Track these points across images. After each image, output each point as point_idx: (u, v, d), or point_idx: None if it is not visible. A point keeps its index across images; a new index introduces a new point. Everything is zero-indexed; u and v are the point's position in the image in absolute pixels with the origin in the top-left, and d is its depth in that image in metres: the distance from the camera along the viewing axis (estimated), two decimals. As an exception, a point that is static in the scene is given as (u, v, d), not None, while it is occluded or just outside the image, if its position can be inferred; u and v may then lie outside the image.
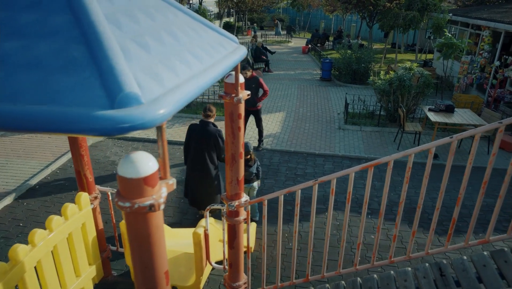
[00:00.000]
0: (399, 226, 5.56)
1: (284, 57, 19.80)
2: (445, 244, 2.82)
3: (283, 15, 37.34)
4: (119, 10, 1.42)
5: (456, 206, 2.70)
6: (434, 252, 2.87)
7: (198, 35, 1.81)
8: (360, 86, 13.57)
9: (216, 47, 1.85)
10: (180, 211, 5.89)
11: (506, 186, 2.60)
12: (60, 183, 6.72)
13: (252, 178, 5.23)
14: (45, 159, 7.52)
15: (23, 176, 6.81)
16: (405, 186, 2.67)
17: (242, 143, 2.42)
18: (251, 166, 5.13)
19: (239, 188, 2.54)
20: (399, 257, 2.89)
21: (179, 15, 1.85)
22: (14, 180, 6.70)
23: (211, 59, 1.69)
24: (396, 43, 24.22)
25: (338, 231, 5.51)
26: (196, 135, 4.94)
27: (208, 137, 4.87)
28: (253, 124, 8.54)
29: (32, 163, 7.33)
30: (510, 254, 2.79)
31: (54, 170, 7.17)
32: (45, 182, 6.73)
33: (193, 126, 5.07)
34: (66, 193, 6.39)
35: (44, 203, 6.10)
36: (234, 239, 2.72)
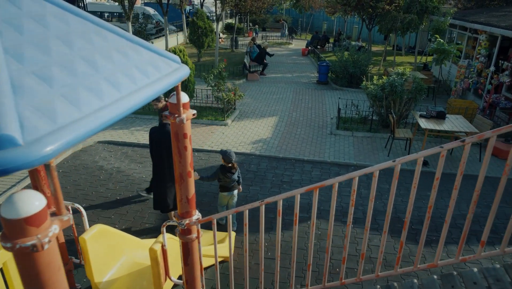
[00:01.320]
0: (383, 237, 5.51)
1: (283, 60, 19.75)
2: (435, 260, 2.72)
3: (286, 16, 37.29)
4: (28, 41, 1.41)
5: (445, 223, 2.61)
6: (422, 268, 2.80)
7: (127, 59, 1.79)
8: (357, 90, 13.49)
9: (146, 71, 1.83)
10: (162, 218, 5.89)
11: (498, 201, 2.42)
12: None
13: (233, 185, 5.24)
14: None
15: (10, 181, 6.86)
16: (391, 198, 2.60)
17: (190, 162, 2.40)
18: (233, 174, 5.14)
19: (189, 206, 2.52)
20: (385, 272, 2.84)
21: (109, 38, 1.83)
22: (1, 185, 6.74)
23: (134, 85, 1.67)
24: (396, 45, 24.10)
25: (318, 240, 5.46)
26: (156, 136, 5.00)
27: (168, 137, 4.83)
28: (241, 130, 8.53)
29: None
30: (477, 274, 2.71)
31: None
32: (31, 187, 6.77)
33: (154, 130, 5.11)
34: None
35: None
36: (187, 256, 2.70)
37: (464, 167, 2.12)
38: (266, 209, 6.09)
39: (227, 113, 10.27)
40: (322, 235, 5.58)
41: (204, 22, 17.22)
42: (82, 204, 6.26)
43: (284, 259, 4.99)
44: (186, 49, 21.51)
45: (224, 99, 9.97)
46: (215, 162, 7.78)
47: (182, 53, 9.85)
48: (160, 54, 2.07)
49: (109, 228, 3.33)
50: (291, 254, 2.85)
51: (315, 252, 5.21)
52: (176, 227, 2.58)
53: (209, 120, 10.00)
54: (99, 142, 8.63)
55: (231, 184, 5.18)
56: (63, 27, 1.63)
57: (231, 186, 5.21)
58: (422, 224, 5.90)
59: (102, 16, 27.72)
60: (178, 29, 26.38)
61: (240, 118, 10.43)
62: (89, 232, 3.04)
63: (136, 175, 7.24)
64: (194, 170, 5.31)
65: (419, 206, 6.43)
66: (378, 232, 5.65)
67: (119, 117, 1.51)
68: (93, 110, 1.38)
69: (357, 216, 6.08)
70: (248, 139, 9.01)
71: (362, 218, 6.03)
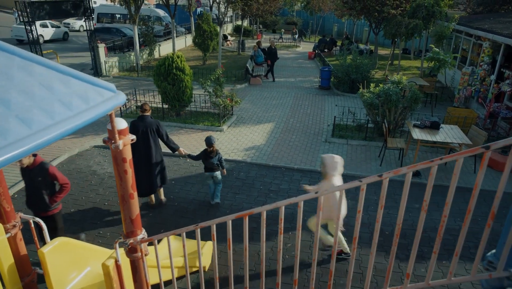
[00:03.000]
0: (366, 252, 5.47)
1: (288, 63, 19.74)
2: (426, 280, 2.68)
3: (297, 18, 37.22)
4: None
5: (435, 242, 2.58)
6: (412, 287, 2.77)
7: (50, 93, 1.87)
8: (358, 96, 13.38)
9: (70, 103, 1.90)
10: (149, 225, 5.99)
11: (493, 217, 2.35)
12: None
13: (214, 167, 6.21)
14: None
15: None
16: (379, 216, 2.62)
17: (132, 184, 2.47)
18: (212, 157, 6.15)
19: (133, 227, 2.59)
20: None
21: (35, 72, 1.91)
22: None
23: (51, 120, 1.74)
24: (405, 48, 23.79)
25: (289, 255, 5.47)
26: (140, 128, 5.78)
27: (150, 126, 5.81)
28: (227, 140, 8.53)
29: (17, 171, 7.58)
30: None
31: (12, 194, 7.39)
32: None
33: (135, 122, 5.86)
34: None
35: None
36: (135, 273, 2.78)
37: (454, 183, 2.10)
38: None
39: (223, 119, 10.35)
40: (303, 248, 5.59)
41: (210, 25, 17.36)
42: (71, 209, 6.42)
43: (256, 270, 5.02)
44: (191, 52, 21.66)
45: (220, 105, 10.05)
46: (206, 169, 7.84)
47: (180, 58, 9.97)
48: (93, 84, 2.14)
49: (72, 240, 3.44)
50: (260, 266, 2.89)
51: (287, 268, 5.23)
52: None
53: (205, 126, 10.09)
54: (95, 147, 8.83)
55: (211, 165, 6.18)
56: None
57: (212, 167, 6.20)
58: (406, 237, 5.86)
59: (113, 18, 28.20)
60: (187, 31, 26.63)
61: (237, 124, 10.50)
62: (49, 245, 3.15)
63: (126, 181, 7.37)
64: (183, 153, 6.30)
65: (404, 218, 6.38)
66: (359, 246, 5.63)
67: (25, 154, 1.58)
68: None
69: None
70: (242, 146, 9.07)
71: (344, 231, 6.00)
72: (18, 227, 3.10)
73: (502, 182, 1.73)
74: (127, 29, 22.65)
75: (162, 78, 9.98)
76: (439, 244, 2.07)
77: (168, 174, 7.50)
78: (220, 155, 6.23)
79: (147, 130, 5.80)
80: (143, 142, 5.81)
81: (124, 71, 16.29)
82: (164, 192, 6.95)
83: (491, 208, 1.80)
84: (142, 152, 5.81)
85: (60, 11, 12.64)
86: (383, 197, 1.98)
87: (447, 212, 1.92)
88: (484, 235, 1.84)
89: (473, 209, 1.79)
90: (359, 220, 2.21)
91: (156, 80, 10.16)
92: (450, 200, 1.86)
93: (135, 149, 5.49)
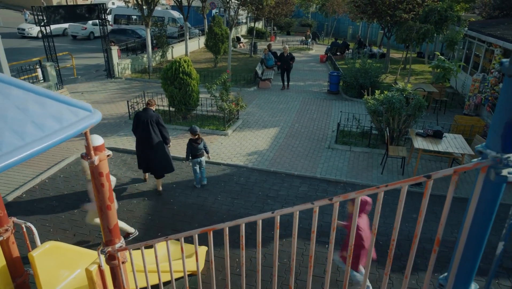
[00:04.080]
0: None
1: (299, 66, 19.75)
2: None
3: (311, 20, 37.12)
4: None
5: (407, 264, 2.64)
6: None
7: (24, 115, 2.01)
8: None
9: (43, 124, 2.05)
10: (146, 228, 6.17)
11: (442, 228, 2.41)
12: (46, 191, 7.21)
13: (200, 153, 7.08)
14: (39, 167, 8.09)
15: (14, 185, 7.38)
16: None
17: (109, 196, 2.61)
18: (199, 144, 7.04)
19: (111, 236, 2.73)
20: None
21: (12, 95, 2.06)
22: (6, 187, 7.28)
23: (21, 141, 1.89)
24: (413, 52, 23.45)
25: (289, 259, 5.55)
26: (142, 118, 6.71)
27: (151, 117, 6.72)
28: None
29: (26, 172, 7.90)
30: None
31: (44, 179, 7.71)
32: (32, 191, 7.26)
33: (139, 113, 6.86)
34: (47, 203, 6.85)
35: (48, 198, 6.63)
36: (114, 280, 2.92)
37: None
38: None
39: (228, 123, 10.49)
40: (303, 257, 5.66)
41: (221, 28, 17.55)
42: (73, 210, 6.67)
43: (251, 276, 5.13)
44: (204, 54, 21.87)
45: (226, 109, 10.19)
46: (207, 173, 8.00)
47: (187, 63, 10.15)
48: (69, 104, 2.28)
49: (62, 244, 3.63)
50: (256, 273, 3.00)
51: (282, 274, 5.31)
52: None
53: (211, 129, 10.25)
54: (102, 149, 9.08)
55: (198, 152, 7.04)
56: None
57: (199, 153, 7.06)
58: (401, 248, 5.86)
59: (129, 19, 28.78)
60: (201, 33, 26.92)
61: (242, 129, 10.62)
62: (39, 249, 3.33)
63: (129, 183, 7.59)
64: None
65: (401, 228, 6.37)
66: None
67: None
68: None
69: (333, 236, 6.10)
70: (245, 150, 9.18)
71: (337, 240, 6.04)
72: (10, 231, 3.29)
73: (444, 212, 1.78)
74: (142, 31, 23.06)
75: (169, 82, 10.19)
76: (412, 261, 2.13)
77: (170, 177, 7.70)
78: (204, 141, 7.16)
79: (147, 121, 6.69)
80: (143, 130, 6.71)
81: (137, 73, 16.63)
82: (163, 196, 7.14)
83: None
84: (143, 138, 6.76)
85: (75, 15, 13.02)
86: (335, 219, 2.06)
87: (419, 231, 1.99)
88: (430, 260, 1.89)
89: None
90: (333, 240, 2.29)
91: (163, 84, 10.37)
92: (397, 225, 1.92)
93: (139, 135, 6.79)
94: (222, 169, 8.25)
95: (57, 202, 6.92)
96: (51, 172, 7.97)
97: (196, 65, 18.72)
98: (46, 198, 7.03)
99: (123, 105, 11.98)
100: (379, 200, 1.93)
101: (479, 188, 1.75)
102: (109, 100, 12.83)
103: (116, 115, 11.35)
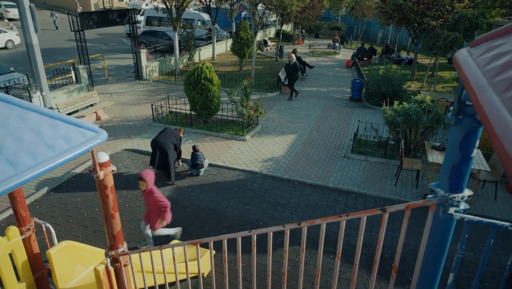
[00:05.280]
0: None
1: (324, 72, 19.75)
2: None
3: (341, 23, 36.81)
4: None
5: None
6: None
7: (38, 137, 2.34)
8: (388, 110, 13.20)
9: (53, 145, 2.37)
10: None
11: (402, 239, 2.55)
12: (71, 189, 7.74)
13: (200, 162, 8.27)
14: (67, 166, 8.66)
15: (43, 183, 7.96)
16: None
17: (113, 206, 2.92)
18: (199, 155, 8.27)
19: (115, 241, 3.04)
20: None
21: (29, 119, 2.39)
22: (35, 183, 7.87)
23: (34, 161, 2.21)
24: (444, 58, 22.80)
25: (293, 267, 5.73)
26: (168, 130, 8.23)
27: (176, 134, 8.26)
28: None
29: (55, 170, 8.49)
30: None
31: (70, 177, 8.25)
32: (59, 188, 7.81)
33: (168, 128, 8.37)
34: (72, 200, 7.36)
35: (73, 195, 7.16)
36: (118, 279, 3.24)
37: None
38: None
39: (247, 128, 10.75)
40: (297, 262, 5.84)
41: (247, 33, 17.85)
42: (95, 209, 7.13)
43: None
44: (230, 57, 22.26)
45: (245, 115, 10.45)
46: (222, 178, 8.30)
47: (208, 69, 10.50)
48: (78, 126, 2.60)
49: (77, 243, 4.00)
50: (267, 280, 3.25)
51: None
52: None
53: (229, 134, 10.55)
54: (125, 150, 9.59)
55: (198, 161, 8.27)
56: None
57: (199, 163, 8.26)
58: (405, 262, 5.90)
59: (161, 21, 29.63)
60: (230, 35, 27.36)
61: (260, 134, 10.85)
62: (55, 248, 3.71)
63: (148, 185, 8.00)
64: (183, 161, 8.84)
65: (407, 242, 6.40)
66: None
67: (10, 190, 2.05)
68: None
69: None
70: (261, 157, 9.41)
71: (348, 255, 6.15)
72: (32, 230, 3.68)
73: (400, 242, 1.94)
74: (171, 32, 23.75)
75: (191, 88, 10.58)
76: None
77: (187, 181, 8.06)
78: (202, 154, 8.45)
79: (171, 134, 8.17)
80: (162, 135, 8.10)
81: (164, 75, 17.22)
82: (178, 198, 7.49)
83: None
84: (161, 140, 8.00)
85: (107, 21, 13.71)
86: (286, 244, 2.25)
87: (379, 255, 2.15)
88: (390, 286, 2.05)
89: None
90: (302, 260, 2.49)
91: (186, 89, 10.77)
92: (359, 251, 2.09)
93: (156, 144, 8.03)
94: (237, 174, 8.52)
95: (81, 199, 7.43)
96: (78, 170, 8.52)
97: (222, 68, 19.15)
98: (71, 196, 7.55)
99: (148, 107, 12.51)
100: (341, 228, 2.11)
101: (429, 223, 1.90)
102: (136, 102, 13.41)
103: (141, 117, 11.87)
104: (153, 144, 8.08)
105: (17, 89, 10.20)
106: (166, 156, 7.97)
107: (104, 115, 11.80)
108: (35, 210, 7.00)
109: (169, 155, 7.98)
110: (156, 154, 8.00)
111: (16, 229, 3.52)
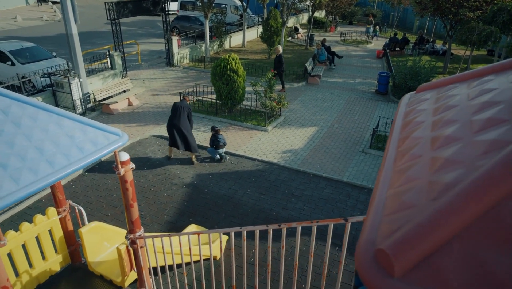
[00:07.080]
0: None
1: (353, 62, 19.56)
2: None
3: (377, 10, 35.75)
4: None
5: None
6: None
7: (71, 141, 2.84)
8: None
9: (83, 147, 2.86)
10: (180, 213, 7.12)
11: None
12: (104, 171, 8.48)
13: (222, 144, 8.83)
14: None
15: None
16: (342, 259, 3.30)
17: (132, 197, 3.42)
18: (220, 135, 8.83)
19: (133, 226, 3.56)
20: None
21: (64, 125, 2.89)
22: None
23: (67, 161, 2.72)
24: (483, 49, 21.87)
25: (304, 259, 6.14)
26: (178, 106, 8.63)
27: (185, 106, 8.68)
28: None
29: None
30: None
31: (103, 160, 9.00)
32: (93, 169, 8.57)
33: (176, 103, 8.76)
34: (104, 182, 8.09)
35: (104, 176, 7.93)
36: (136, 259, 3.78)
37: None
38: (269, 217, 6.95)
39: (270, 119, 11.10)
40: (306, 252, 6.23)
41: (276, 21, 17.96)
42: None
43: (262, 266, 5.82)
44: (260, 44, 22.38)
45: (267, 107, 10.79)
46: (242, 167, 8.76)
47: (234, 61, 10.87)
48: (103, 130, 3.09)
49: (104, 224, 4.60)
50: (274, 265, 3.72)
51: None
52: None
53: (252, 124, 10.95)
54: (153, 136, 10.24)
55: (220, 142, 8.79)
56: (29, 123, 2.73)
57: (221, 144, 8.79)
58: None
59: (195, 5, 30.08)
60: (262, 21, 27.41)
61: (282, 126, 11.17)
62: (86, 227, 4.32)
63: (172, 170, 8.61)
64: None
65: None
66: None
67: (46, 185, 2.57)
68: (29, 183, 2.45)
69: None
70: (280, 148, 9.77)
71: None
72: (67, 211, 4.30)
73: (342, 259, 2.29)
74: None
75: (217, 78, 11.01)
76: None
77: (208, 168, 8.59)
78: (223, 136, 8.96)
79: (181, 108, 8.59)
80: (175, 115, 8.55)
81: (194, 62, 17.75)
82: (199, 185, 8.04)
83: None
84: (176, 121, 8.52)
85: (141, 9, 14.30)
86: (269, 241, 2.64)
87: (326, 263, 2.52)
88: None
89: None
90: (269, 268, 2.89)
91: (212, 79, 11.22)
92: (327, 259, 2.45)
93: (173, 116, 8.59)
94: (256, 165, 8.95)
95: (111, 181, 8.14)
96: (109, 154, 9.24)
97: (251, 56, 19.43)
98: (103, 177, 8.28)
99: (177, 94, 13.10)
100: (313, 232, 2.47)
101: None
102: (166, 89, 14.05)
103: (170, 104, 12.43)
104: (170, 127, 8.59)
105: (58, 76, 11.03)
106: (185, 136, 8.56)
107: (136, 101, 12.51)
108: (71, 189, 7.79)
109: (188, 133, 8.58)
110: (175, 136, 8.55)
111: (54, 209, 4.14)
